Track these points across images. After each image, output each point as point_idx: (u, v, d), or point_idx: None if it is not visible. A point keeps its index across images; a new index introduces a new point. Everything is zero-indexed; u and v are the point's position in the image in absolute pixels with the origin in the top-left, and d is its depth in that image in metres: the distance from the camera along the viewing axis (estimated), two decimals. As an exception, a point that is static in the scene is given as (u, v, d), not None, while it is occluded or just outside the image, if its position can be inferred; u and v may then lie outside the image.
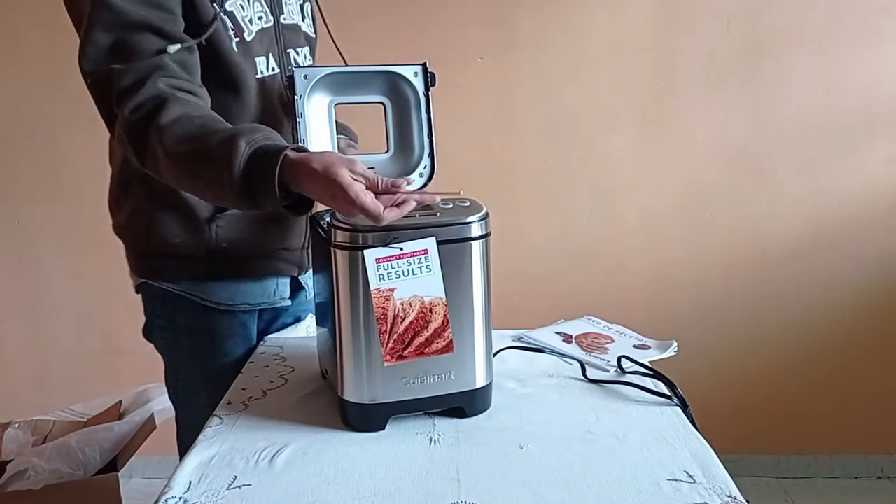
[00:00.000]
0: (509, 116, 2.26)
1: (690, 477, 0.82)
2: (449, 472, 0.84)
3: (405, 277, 0.90)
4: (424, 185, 1.15)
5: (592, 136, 2.26)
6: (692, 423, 0.97)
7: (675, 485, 0.81)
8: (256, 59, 1.12)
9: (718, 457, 0.87)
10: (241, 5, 1.10)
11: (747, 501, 0.77)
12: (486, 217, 0.95)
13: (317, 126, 1.11)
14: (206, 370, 1.19)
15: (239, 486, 0.82)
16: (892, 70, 2.20)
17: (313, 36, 1.28)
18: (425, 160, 1.15)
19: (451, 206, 0.97)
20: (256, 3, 1.13)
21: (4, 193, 2.33)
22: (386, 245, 0.89)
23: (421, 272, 0.90)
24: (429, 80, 1.13)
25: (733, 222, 2.30)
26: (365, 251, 0.89)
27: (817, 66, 2.20)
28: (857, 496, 2.34)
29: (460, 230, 0.93)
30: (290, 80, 1.08)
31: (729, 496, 0.78)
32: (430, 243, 0.90)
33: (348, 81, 1.12)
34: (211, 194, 0.98)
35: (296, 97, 1.08)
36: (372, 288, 0.89)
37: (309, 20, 1.27)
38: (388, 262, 0.89)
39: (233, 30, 1.07)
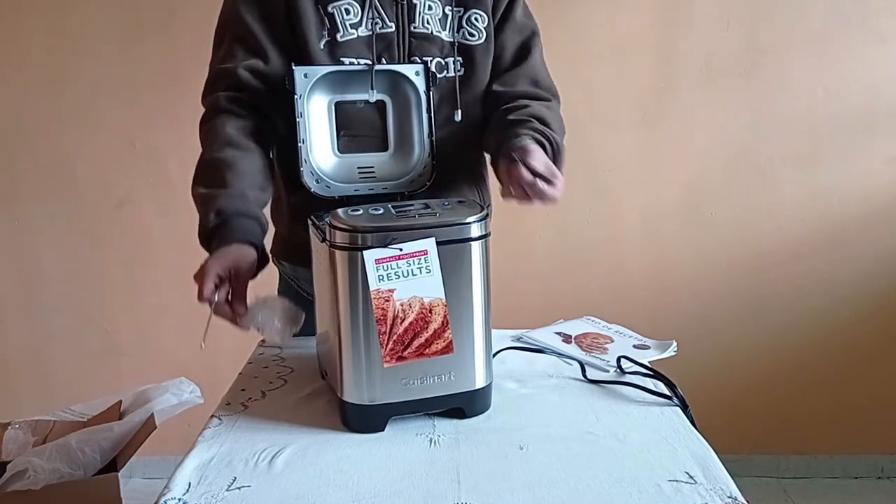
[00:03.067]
0: (509, 116, 2.26)
1: (691, 478, 0.82)
2: (449, 474, 0.84)
3: (405, 278, 0.90)
4: (424, 186, 1.15)
5: (592, 136, 2.26)
6: (692, 423, 0.97)
7: (676, 485, 0.80)
8: (344, 60, 1.17)
9: (718, 457, 0.87)
10: (346, 9, 1.16)
11: (747, 502, 0.77)
12: (485, 217, 0.95)
13: (317, 125, 1.11)
14: None
15: (238, 488, 0.82)
16: (892, 70, 2.20)
17: (474, 43, 1.24)
18: (425, 160, 1.15)
19: (450, 206, 0.96)
20: (372, 10, 1.17)
21: (4, 193, 2.33)
22: (385, 246, 0.89)
23: (420, 273, 0.90)
24: (430, 79, 1.13)
25: (733, 222, 2.30)
26: (364, 252, 0.89)
27: (817, 66, 2.20)
28: (857, 496, 2.34)
29: (460, 230, 0.92)
30: (290, 78, 1.08)
31: (730, 497, 0.78)
32: (429, 244, 0.90)
33: (349, 80, 1.12)
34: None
35: (295, 96, 1.08)
36: (371, 289, 0.89)
37: (467, 29, 1.23)
38: (388, 263, 0.89)
39: (328, 29, 1.16)
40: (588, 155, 2.27)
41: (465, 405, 0.98)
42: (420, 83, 1.13)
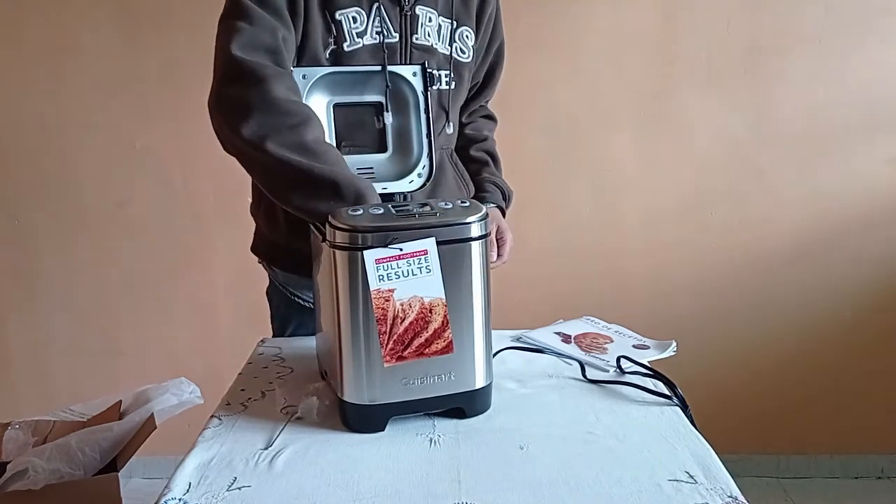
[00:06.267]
0: (509, 116, 2.25)
1: (691, 477, 0.82)
2: (449, 473, 0.84)
3: (405, 278, 0.90)
4: (423, 185, 1.15)
5: (592, 136, 2.26)
6: (692, 423, 0.97)
7: (676, 485, 0.80)
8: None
9: (719, 457, 0.87)
10: (353, 17, 1.16)
11: (748, 502, 0.77)
12: (485, 217, 0.95)
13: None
14: None
15: (238, 488, 0.82)
16: (892, 70, 2.20)
17: (464, 60, 1.30)
18: (424, 160, 1.15)
19: (450, 206, 0.96)
20: (377, 19, 1.17)
21: (4, 193, 2.33)
22: (385, 245, 0.89)
23: (420, 273, 0.90)
24: (427, 80, 1.13)
25: (733, 222, 2.30)
26: (364, 252, 0.89)
27: (817, 66, 2.20)
28: (857, 496, 2.34)
29: (460, 230, 0.92)
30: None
31: (730, 497, 0.78)
32: (429, 244, 0.90)
33: (347, 81, 1.12)
34: (294, 206, 1.04)
35: (295, 97, 1.08)
36: (371, 288, 0.89)
37: (459, 45, 1.28)
38: (388, 263, 0.89)
39: (334, 37, 1.15)
40: (588, 155, 2.27)
41: (465, 405, 0.98)
42: (418, 84, 1.13)
